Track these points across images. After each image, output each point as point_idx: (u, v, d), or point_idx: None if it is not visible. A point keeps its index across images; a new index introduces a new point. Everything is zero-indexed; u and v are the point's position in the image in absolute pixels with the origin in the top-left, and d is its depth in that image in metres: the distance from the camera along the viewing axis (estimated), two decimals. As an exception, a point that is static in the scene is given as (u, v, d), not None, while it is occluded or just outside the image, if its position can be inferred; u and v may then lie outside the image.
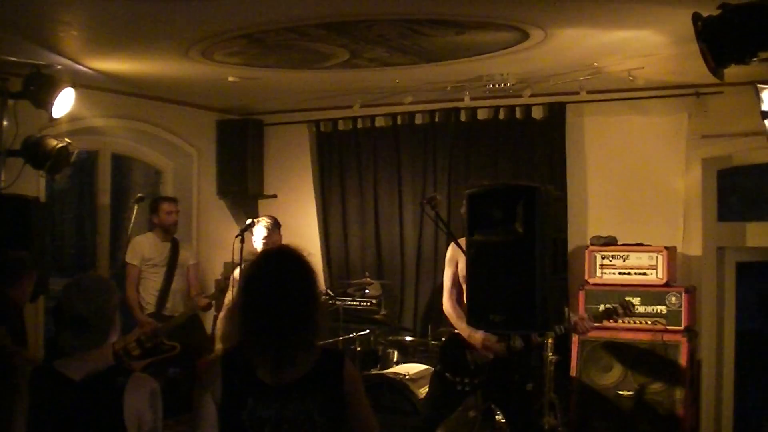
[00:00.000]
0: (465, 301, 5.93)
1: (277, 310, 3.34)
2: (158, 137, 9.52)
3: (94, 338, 3.64)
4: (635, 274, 7.83)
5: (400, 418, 7.26)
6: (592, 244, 8.15)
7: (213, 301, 8.38)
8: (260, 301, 3.38)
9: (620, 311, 6.94)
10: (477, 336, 6.27)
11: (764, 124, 6.52)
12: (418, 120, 9.43)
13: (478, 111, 9.06)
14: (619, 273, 7.91)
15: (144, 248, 8.31)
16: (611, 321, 7.03)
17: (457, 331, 6.51)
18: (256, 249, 7.74)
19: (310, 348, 3.41)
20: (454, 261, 6.47)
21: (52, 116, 7.07)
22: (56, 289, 6.62)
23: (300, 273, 3.45)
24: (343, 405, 3.40)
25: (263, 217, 8.21)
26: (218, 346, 7.34)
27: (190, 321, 8.43)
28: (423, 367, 7.87)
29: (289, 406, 3.33)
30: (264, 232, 7.99)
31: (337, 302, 8.44)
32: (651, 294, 7.72)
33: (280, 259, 3.51)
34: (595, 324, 6.80)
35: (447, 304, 6.51)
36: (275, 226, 8.10)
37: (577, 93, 8.18)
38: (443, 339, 6.68)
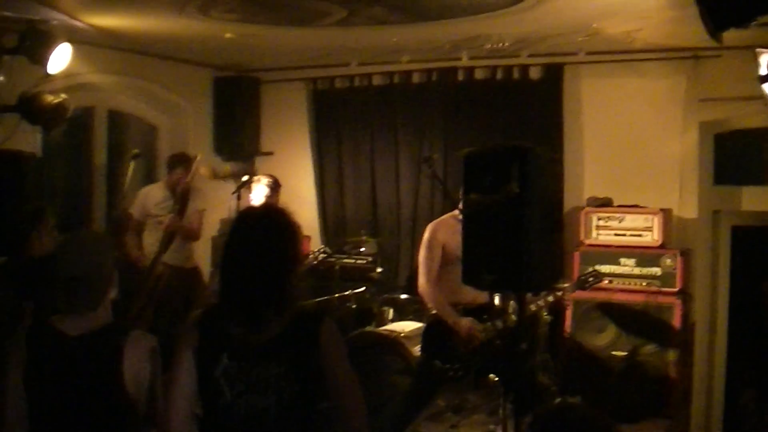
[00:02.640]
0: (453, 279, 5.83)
1: (250, 269, 3.33)
2: (154, 94, 9.50)
3: (89, 299, 3.61)
4: (630, 235, 7.86)
5: (393, 377, 7.29)
6: (588, 206, 8.17)
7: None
8: (235, 258, 3.38)
9: (590, 280, 7.00)
10: (463, 323, 6.26)
11: (762, 89, 6.50)
12: (415, 79, 9.41)
13: (476, 71, 9.05)
14: (615, 234, 7.94)
15: (148, 200, 8.21)
16: (586, 288, 7.08)
17: (435, 313, 6.50)
18: None
19: (283, 308, 3.35)
20: (438, 244, 6.45)
21: (47, 72, 7.04)
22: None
23: (277, 233, 3.41)
24: (318, 366, 3.34)
25: (263, 176, 8.16)
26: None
27: (192, 275, 8.40)
28: (418, 325, 7.86)
29: (261, 365, 3.31)
30: (266, 191, 7.96)
31: (333, 260, 8.41)
32: (646, 256, 7.75)
33: (260, 218, 3.49)
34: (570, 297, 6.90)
35: (426, 287, 6.44)
36: (276, 186, 8.07)
37: (575, 54, 8.17)
38: (424, 324, 6.62)
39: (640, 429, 7.41)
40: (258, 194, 7.98)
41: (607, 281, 7.81)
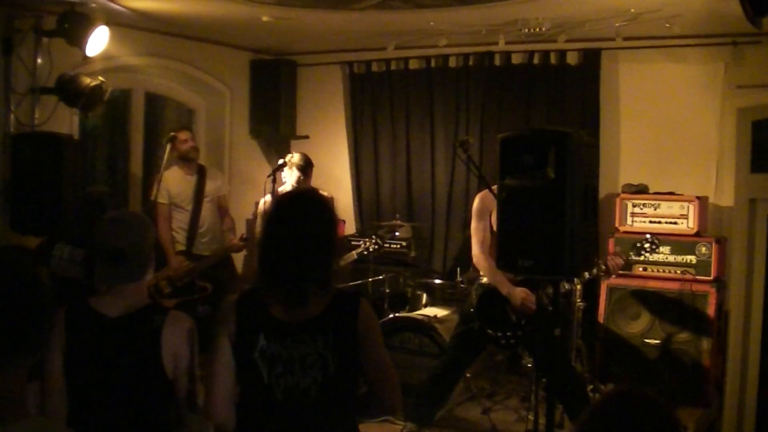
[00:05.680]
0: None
1: (292, 250, 3.36)
2: (192, 76, 9.54)
3: (130, 272, 3.64)
4: (666, 223, 7.82)
5: (426, 361, 7.30)
6: (623, 192, 8.13)
7: (245, 242, 8.36)
8: (276, 240, 3.41)
9: (647, 246, 6.97)
10: (517, 293, 6.26)
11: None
12: (452, 63, 9.39)
13: (513, 55, 9.01)
14: (650, 221, 7.90)
15: (170, 185, 8.19)
16: (642, 256, 7.05)
17: (485, 282, 6.49)
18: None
19: (323, 288, 3.40)
20: (488, 212, 6.41)
21: (86, 54, 7.10)
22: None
23: (318, 215, 3.45)
24: (356, 347, 3.38)
25: (295, 154, 8.07)
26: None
27: (222, 260, 8.43)
28: (450, 310, 7.89)
29: (300, 344, 3.34)
30: (297, 174, 7.89)
31: (371, 245, 8.29)
32: (681, 243, 7.70)
33: (300, 201, 3.52)
34: (624, 263, 6.84)
35: (481, 258, 6.45)
36: (308, 167, 8.00)
37: (613, 39, 8.11)
38: (475, 295, 6.61)
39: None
40: (290, 176, 7.93)
41: (641, 268, 7.80)
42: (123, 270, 3.61)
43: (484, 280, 6.49)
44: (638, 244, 7.06)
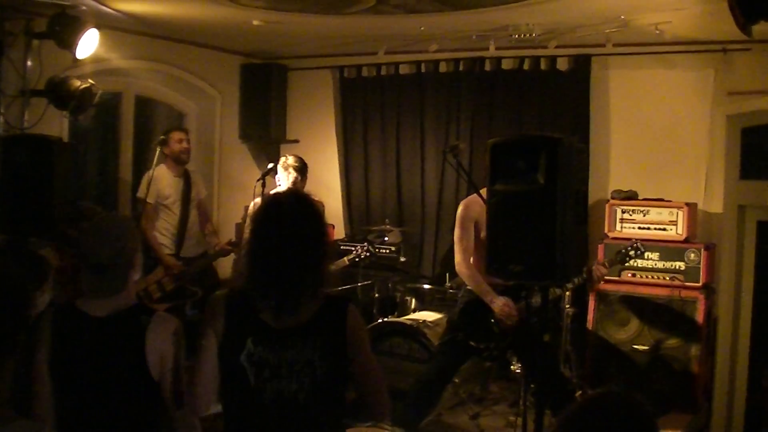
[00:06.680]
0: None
1: (283, 256, 3.32)
2: (182, 80, 9.53)
3: (114, 283, 3.62)
4: (655, 229, 7.83)
5: (415, 365, 7.30)
6: (612, 198, 8.14)
7: (234, 247, 8.32)
8: (266, 245, 3.37)
9: (632, 253, 6.95)
10: (499, 302, 6.23)
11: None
12: (443, 68, 9.40)
13: (503, 61, 9.02)
14: (639, 227, 7.91)
15: (159, 184, 8.10)
16: (627, 261, 7.04)
17: (470, 288, 6.48)
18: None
19: (313, 294, 3.37)
20: (471, 220, 6.39)
21: (76, 57, 7.09)
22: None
23: (308, 220, 3.41)
24: (345, 352, 3.36)
25: (290, 156, 8.01)
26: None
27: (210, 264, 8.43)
28: (440, 315, 7.89)
29: (289, 350, 3.31)
30: (295, 175, 7.83)
31: (363, 253, 8.21)
32: (670, 250, 7.72)
33: (289, 204, 3.45)
34: (608, 272, 6.80)
35: (463, 266, 6.40)
36: (304, 169, 7.94)
37: (603, 45, 8.13)
38: (460, 304, 6.60)
39: (662, 423, 7.33)
40: (286, 179, 7.85)
41: (630, 274, 7.80)
42: (106, 282, 3.60)
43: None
44: (623, 250, 7.04)
